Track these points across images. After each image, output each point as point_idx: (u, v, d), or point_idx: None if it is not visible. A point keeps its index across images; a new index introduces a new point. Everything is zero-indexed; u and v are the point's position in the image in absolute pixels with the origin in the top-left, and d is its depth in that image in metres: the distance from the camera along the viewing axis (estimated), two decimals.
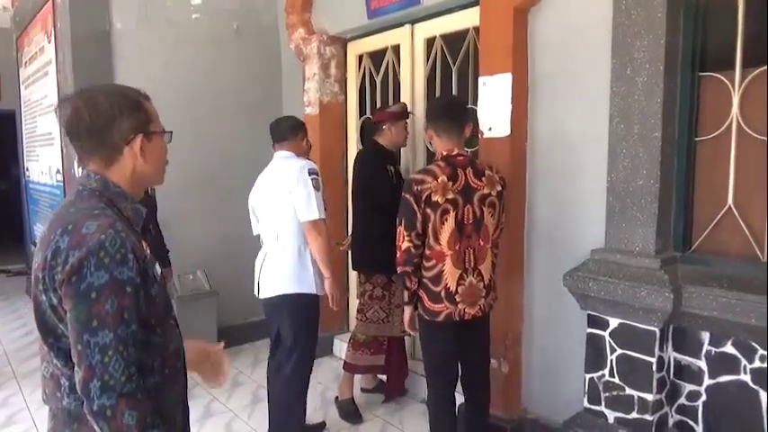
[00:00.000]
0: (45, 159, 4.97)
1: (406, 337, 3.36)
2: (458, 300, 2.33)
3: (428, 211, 2.27)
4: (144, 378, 1.14)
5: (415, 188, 2.28)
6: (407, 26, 3.63)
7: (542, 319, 2.83)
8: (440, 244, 2.30)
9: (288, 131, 2.91)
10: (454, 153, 2.36)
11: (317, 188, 2.72)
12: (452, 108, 2.44)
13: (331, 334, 4.25)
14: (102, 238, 1.10)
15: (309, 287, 2.77)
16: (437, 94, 3.52)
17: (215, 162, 4.18)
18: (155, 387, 1.18)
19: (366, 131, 4.13)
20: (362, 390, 3.46)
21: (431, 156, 3.62)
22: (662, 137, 2.32)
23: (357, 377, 3.38)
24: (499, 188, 2.39)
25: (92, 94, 1.22)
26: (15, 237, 7.54)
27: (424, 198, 2.26)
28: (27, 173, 5.90)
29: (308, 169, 2.75)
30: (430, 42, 3.55)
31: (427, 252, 2.33)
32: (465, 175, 2.32)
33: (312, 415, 3.27)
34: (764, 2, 2.16)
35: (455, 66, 3.40)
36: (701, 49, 2.36)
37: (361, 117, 4.18)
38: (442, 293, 2.33)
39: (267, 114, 4.33)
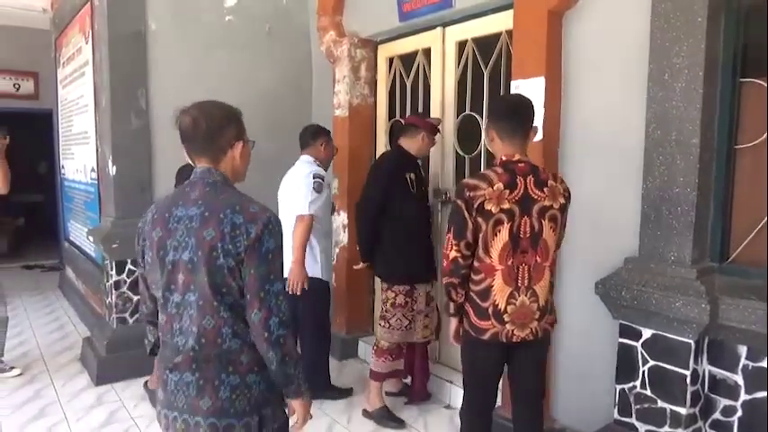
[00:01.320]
0: (80, 158, 5.08)
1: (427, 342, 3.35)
2: (506, 319, 2.12)
3: (479, 220, 2.06)
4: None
5: (468, 194, 2.07)
6: (439, 29, 3.62)
7: (572, 327, 2.78)
8: (490, 257, 2.09)
9: (309, 137, 3.40)
10: (515, 159, 2.12)
11: (317, 190, 3.21)
12: (520, 108, 2.17)
13: (356, 336, 4.25)
14: (268, 214, 1.52)
15: (314, 271, 3.29)
16: (468, 97, 3.51)
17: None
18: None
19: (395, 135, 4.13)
20: (387, 393, 3.45)
21: (460, 163, 3.60)
22: (700, 144, 2.26)
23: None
24: (563, 201, 2.14)
25: (207, 107, 1.62)
26: (49, 233, 7.73)
27: (476, 206, 2.05)
28: (62, 171, 6.05)
29: (314, 173, 3.23)
30: (461, 46, 3.53)
31: (476, 264, 2.13)
32: (525, 183, 2.08)
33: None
34: None
35: (487, 69, 3.37)
36: (742, 54, 2.30)
37: (390, 120, 4.18)
38: (490, 310, 2.13)
39: (297, 116, 4.39)
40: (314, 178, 3.21)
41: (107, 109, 3.92)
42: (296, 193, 3.23)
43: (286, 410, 1.66)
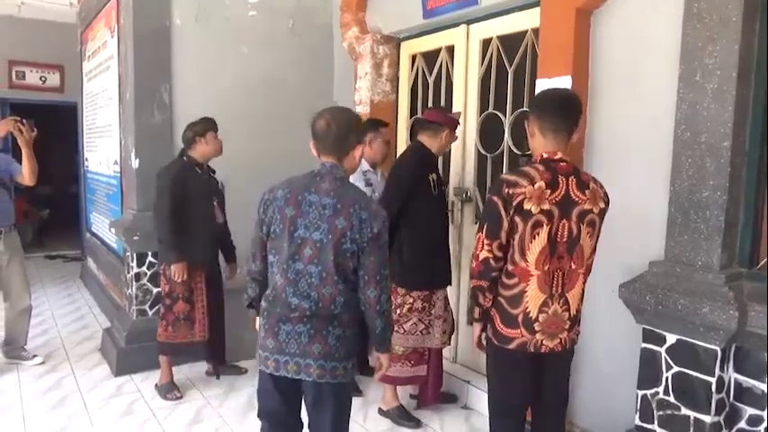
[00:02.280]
0: (103, 150, 5.14)
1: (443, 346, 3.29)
2: (537, 329, 1.99)
3: (517, 219, 1.93)
4: None
5: (507, 191, 1.92)
6: (463, 26, 3.58)
7: (594, 330, 2.74)
8: (526, 261, 1.96)
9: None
10: (557, 157, 1.98)
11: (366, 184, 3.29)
12: (569, 104, 2.02)
13: None
14: (385, 213, 1.93)
15: None
16: (491, 96, 3.47)
17: (266, 157, 4.23)
18: None
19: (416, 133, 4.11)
20: (411, 396, 3.42)
21: (482, 161, 3.57)
22: (731, 147, 2.21)
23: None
24: (602, 205, 2.02)
25: (337, 113, 1.98)
26: (72, 224, 7.84)
27: (515, 204, 1.91)
28: (86, 163, 6.12)
29: (362, 170, 3.31)
30: (486, 43, 3.50)
31: (510, 267, 2.00)
32: (567, 184, 1.95)
33: None
34: None
35: (511, 68, 3.34)
36: None
37: (411, 117, 4.16)
38: (520, 318, 2.00)
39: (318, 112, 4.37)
40: (363, 174, 3.37)
41: (131, 102, 3.96)
42: None
43: None
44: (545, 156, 2.00)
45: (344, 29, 4.26)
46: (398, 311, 3.10)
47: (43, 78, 7.53)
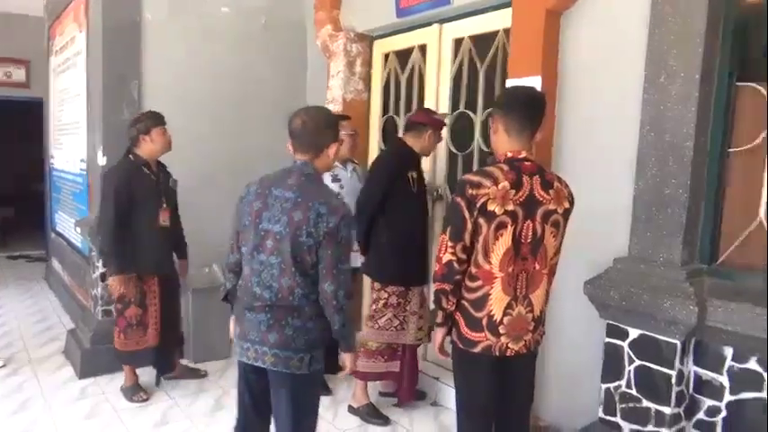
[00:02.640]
0: (70, 148, 5.03)
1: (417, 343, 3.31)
2: (501, 332, 1.96)
3: (481, 221, 1.88)
4: None
5: (470, 192, 1.88)
6: (436, 26, 3.62)
7: (560, 326, 2.78)
8: (490, 263, 1.92)
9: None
10: (521, 156, 1.94)
11: None
12: (535, 103, 2.00)
13: None
14: (346, 209, 1.96)
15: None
16: (462, 95, 3.50)
17: (237, 156, 4.20)
18: None
19: (389, 131, 4.13)
20: (381, 393, 3.42)
21: (453, 160, 3.60)
22: (694, 146, 2.27)
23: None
24: (567, 205, 1.99)
25: (313, 112, 2.03)
26: (36, 223, 7.64)
27: (478, 205, 1.87)
28: (52, 160, 5.98)
29: None
30: (458, 43, 3.53)
31: (473, 270, 1.95)
32: (531, 184, 1.91)
33: None
34: None
35: (483, 67, 3.38)
36: (739, 59, 2.32)
37: (384, 116, 4.17)
38: (484, 321, 1.96)
39: (290, 110, 4.34)
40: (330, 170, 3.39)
41: (99, 99, 3.89)
42: None
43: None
44: (509, 155, 1.96)
45: (318, 26, 4.25)
46: (374, 306, 3.14)
47: (8, 73, 7.33)
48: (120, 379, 3.53)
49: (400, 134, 3.56)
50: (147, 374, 3.58)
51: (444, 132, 3.57)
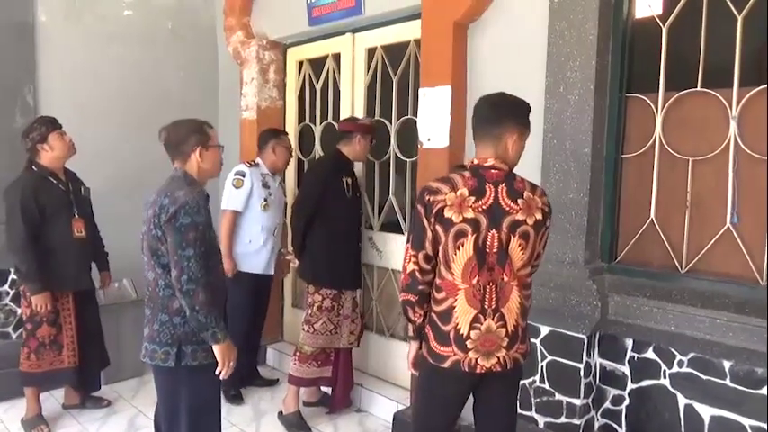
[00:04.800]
0: None
1: (353, 349, 3.32)
2: (469, 346, 1.84)
3: (438, 228, 1.81)
4: (207, 278, 2.02)
5: (428, 198, 1.81)
6: (349, 35, 3.64)
7: None
8: (452, 273, 1.83)
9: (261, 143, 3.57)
10: (488, 164, 1.84)
11: (236, 186, 3.38)
12: (496, 108, 1.89)
13: (264, 343, 4.16)
14: (187, 198, 2.00)
15: (250, 266, 3.46)
16: (377, 103, 3.55)
17: (146, 165, 4.00)
18: (209, 286, 2.04)
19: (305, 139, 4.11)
20: (305, 403, 3.38)
21: (370, 167, 3.64)
22: (591, 153, 2.44)
23: (301, 390, 3.30)
24: (539, 216, 1.84)
25: (175, 125, 2.16)
26: None
27: (434, 211, 1.80)
28: None
29: (236, 171, 3.43)
30: (371, 52, 3.57)
31: (438, 281, 1.87)
32: (495, 192, 1.80)
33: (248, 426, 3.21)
34: (685, 30, 2.33)
35: (396, 76, 3.44)
36: (628, 71, 2.51)
37: (300, 124, 4.14)
38: (451, 334, 1.85)
39: (203, 117, 4.19)
40: (235, 175, 3.42)
41: None
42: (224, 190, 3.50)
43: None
44: (475, 162, 1.88)
45: (228, 33, 4.15)
46: (309, 311, 3.16)
47: None
48: (20, 406, 3.26)
49: (316, 143, 3.63)
50: (54, 399, 3.34)
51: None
